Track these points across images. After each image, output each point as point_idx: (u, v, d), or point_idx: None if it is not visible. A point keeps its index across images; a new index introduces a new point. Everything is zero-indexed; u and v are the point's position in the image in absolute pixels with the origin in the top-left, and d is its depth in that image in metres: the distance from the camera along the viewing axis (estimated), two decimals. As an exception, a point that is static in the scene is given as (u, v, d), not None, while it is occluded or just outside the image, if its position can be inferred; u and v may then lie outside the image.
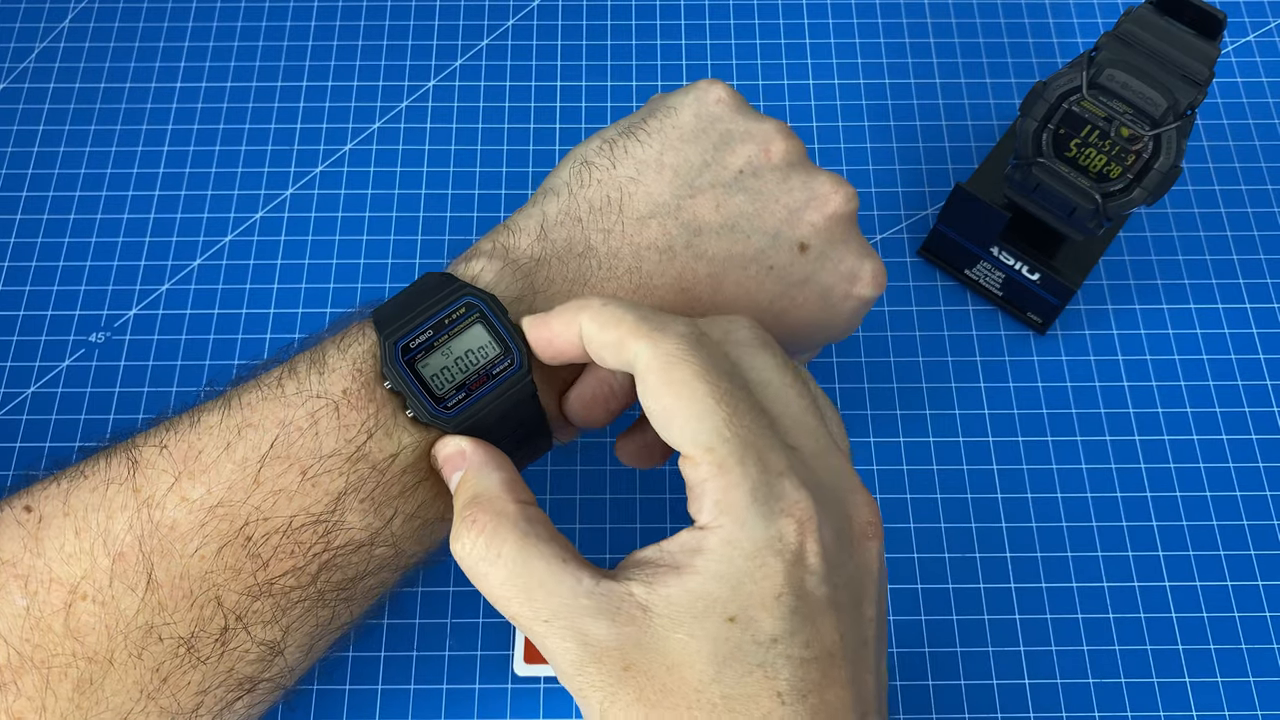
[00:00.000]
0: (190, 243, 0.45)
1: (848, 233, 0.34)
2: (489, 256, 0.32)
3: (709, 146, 0.33)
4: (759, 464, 0.25)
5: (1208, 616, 0.39)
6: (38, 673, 0.26)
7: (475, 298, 0.30)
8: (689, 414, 0.25)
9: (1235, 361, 0.43)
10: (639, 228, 0.32)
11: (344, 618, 0.30)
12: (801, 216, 0.33)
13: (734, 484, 0.25)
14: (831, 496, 0.26)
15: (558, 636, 0.25)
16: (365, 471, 0.29)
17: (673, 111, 0.34)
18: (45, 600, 0.26)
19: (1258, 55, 0.50)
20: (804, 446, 0.27)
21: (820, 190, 0.34)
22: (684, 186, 0.33)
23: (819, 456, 0.27)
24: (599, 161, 0.33)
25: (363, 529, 0.29)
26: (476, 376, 0.29)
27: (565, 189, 0.33)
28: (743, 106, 0.35)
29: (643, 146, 0.33)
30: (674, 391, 0.25)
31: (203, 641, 0.27)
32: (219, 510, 0.28)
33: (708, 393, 0.25)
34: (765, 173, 0.33)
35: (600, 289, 0.32)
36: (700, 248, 0.32)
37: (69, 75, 0.49)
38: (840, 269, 0.34)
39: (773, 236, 0.33)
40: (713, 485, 0.25)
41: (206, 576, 0.27)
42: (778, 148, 0.34)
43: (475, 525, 0.26)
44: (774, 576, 0.24)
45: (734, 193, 0.33)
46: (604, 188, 0.33)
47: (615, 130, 0.34)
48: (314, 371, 0.29)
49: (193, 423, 0.29)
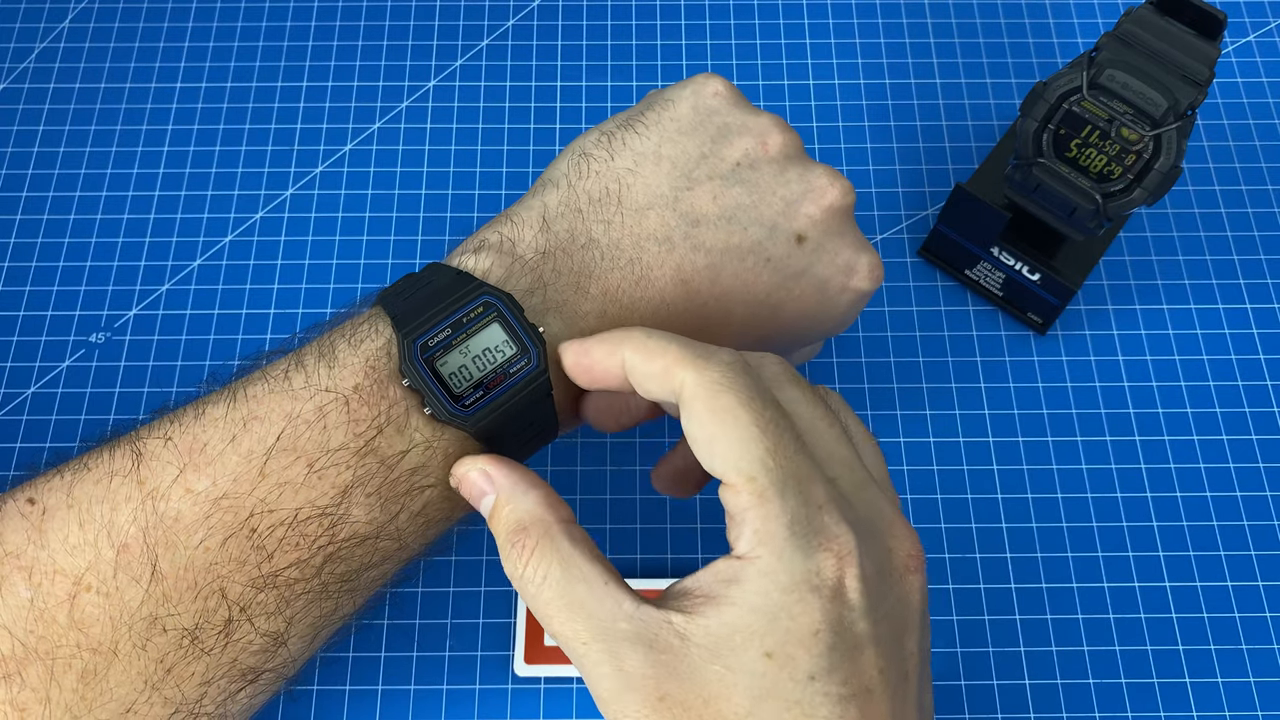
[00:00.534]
0: (190, 243, 0.45)
1: (844, 225, 0.34)
2: (496, 250, 0.32)
3: (706, 139, 0.34)
4: (800, 495, 0.25)
5: (1208, 617, 0.39)
6: (42, 664, 0.26)
7: (493, 297, 0.30)
8: (732, 441, 0.25)
9: (1235, 362, 0.43)
10: (638, 219, 0.32)
11: (347, 609, 0.30)
12: (798, 209, 0.33)
13: (774, 515, 0.25)
14: (871, 529, 0.26)
15: (596, 661, 0.25)
16: (373, 466, 0.29)
17: (670, 104, 0.34)
18: (49, 592, 0.27)
19: (1258, 55, 0.50)
20: (841, 478, 0.27)
21: (817, 183, 0.34)
22: (682, 178, 0.33)
23: (857, 489, 0.27)
24: (597, 154, 0.33)
25: (368, 523, 0.29)
26: (494, 375, 0.30)
27: (564, 180, 0.33)
28: (740, 100, 0.35)
29: (640, 139, 0.34)
30: (718, 419, 0.25)
31: (207, 633, 0.27)
32: (224, 502, 0.28)
33: (752, 420, 0.25)
34: (762, 165, 0.34)
35: (604, 280, 0.32)
36: (698, 239, 0.33)
37: (69, 75, 0.49)
38: (837, 261, 0.34)
39: (769, 228, 0.33)
40: (753, 515, 0.25)
41: (211, 568, 0.27)
42: (775, 141, 0.34)
43: (525, 550, 0.26)
44: (811, 612, 0.24)
45: (731, 185, 0.33)
46: (602, 179, 0.33)
47: (614, 123, 0.35)
48: (323, 365, 0.29)
49: (198, 415, 0.29)
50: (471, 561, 0.40)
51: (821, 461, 0.27)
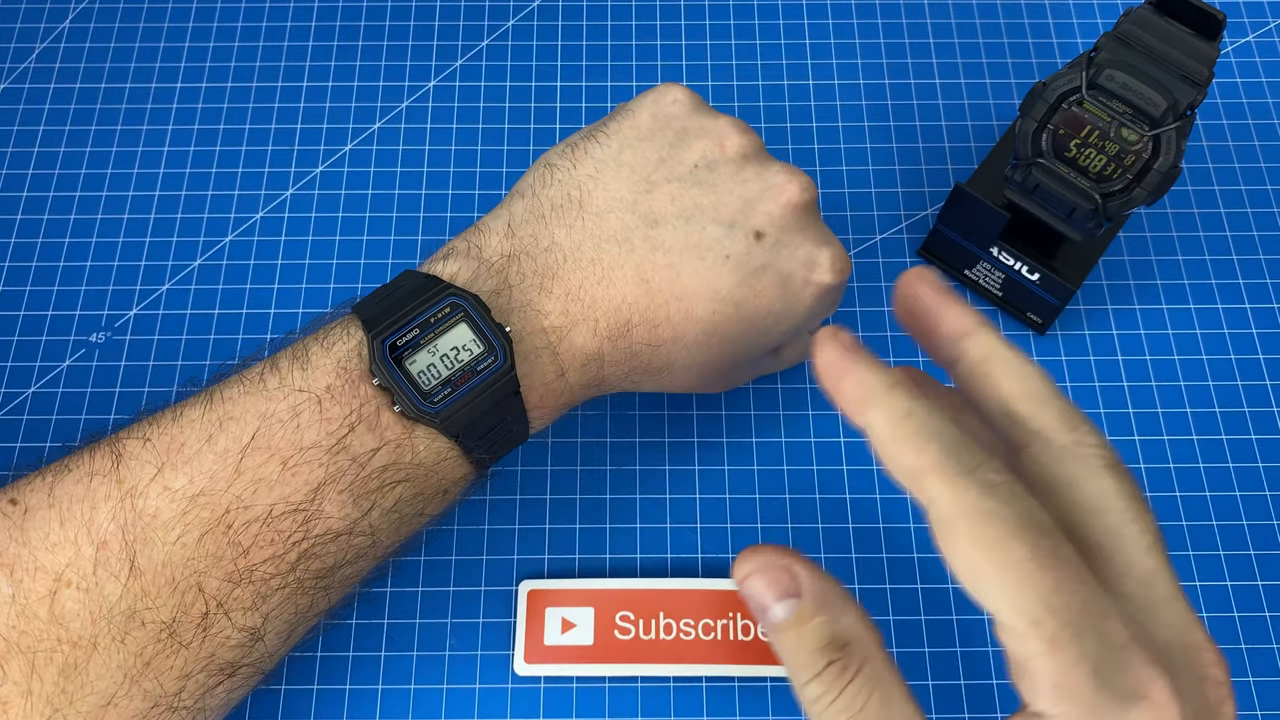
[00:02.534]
0: (190, 243, 0.45)
1: (804, 221, 0.35)
2: (464, 256, 0.33)
3: (665, 144, 0.35)
4: (1098, 637, 0.21)
5: (1208, 616, 0.39)
6: (24, 657, 0.27)
7: (459, 298, 0.31)
8: (1006, 580, 0.21)
9: (1235, 361, 0.43)
10: (599, 222, 0.34)
11: (321, 605, 0.31)
12: (756, 206, 0.34)
13: (1073, 663, 0.21)
14: (1179, 660, 0.22)
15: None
16: (345, 464, 0.29)
17: (631, 114, 0.36)
18: (30, 588, 0.27)
19: (1258, 55, 0.50)
20: (1137, 595, 0.23)
21: (774, 180, 0.34)
22: (641, 182, 0.34)
23: (1156, 605, 0.23)
24: (561, 164, 0.35)
25: (340, 518, 0.30)
26: (461, 373, 0.31)
27: (530, 190, 0.35)
28: (700, 106, 0.36)
29: (602, 147, 0.35)
30: (985, 553, 0.21)
31: (184, 627, 0.28)
32: (200, 499, 0.28)
33: (1028, 556, 0.21)
34: (720, 166, 0.35)
35: (566, 281, 0.33)
36: (658, 239, 0.33)
37: (69, 75, 0.49)
38: (798, 255, 0.34)
39: (728, 226, 0.34)
40: (1047, 664, 0.21)
41: (188, 563, 0.28)
42: (732, 143, 0.35)
43: (845, 671, 0.23)
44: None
45: (689, 186, 0.34)
46: (565, 187, 0.34)
47: (578, 135, 0.36)
48: (296, 367, 0.30)
49: (175, 417, 0.30)
50: (472, 561, 0.40)
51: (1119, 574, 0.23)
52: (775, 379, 0.43)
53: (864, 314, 0.44)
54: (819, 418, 0.42)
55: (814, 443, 0.42)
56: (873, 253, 0.46)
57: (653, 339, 0.34)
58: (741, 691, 0.38)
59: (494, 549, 0.40)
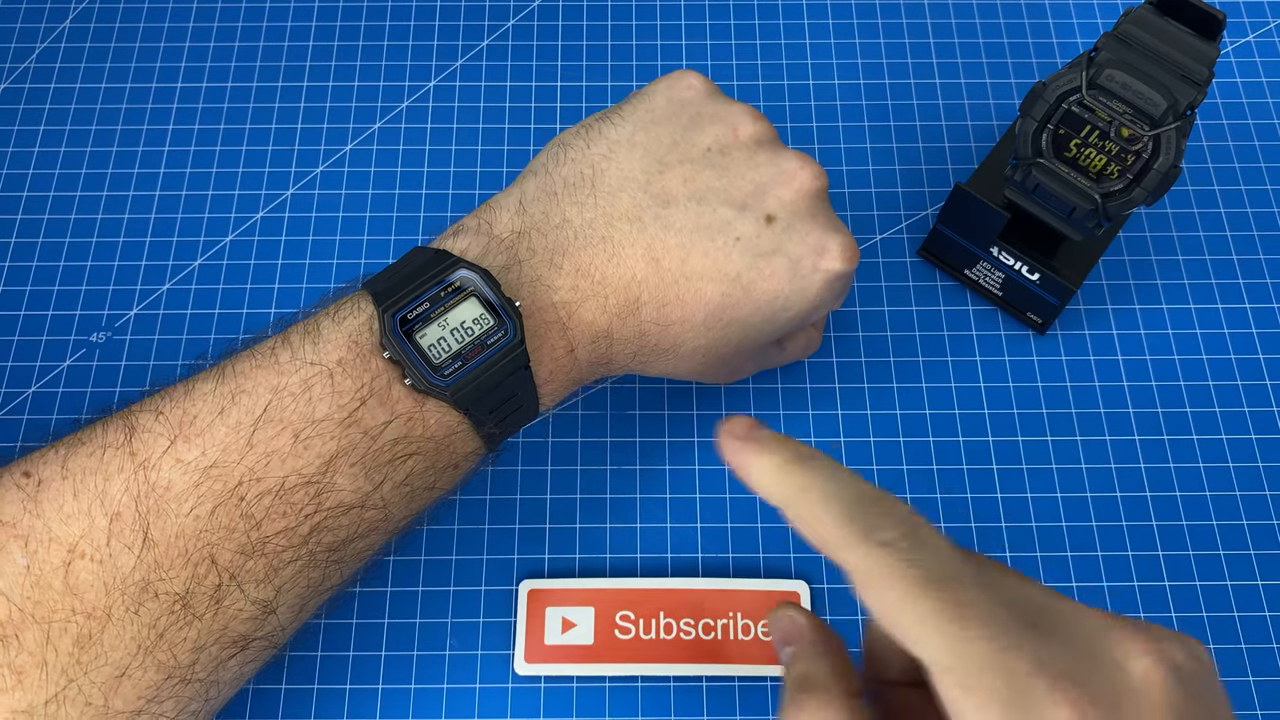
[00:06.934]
0: (191, 243, 0.45)
1: (815, 207, 0.35)
2: (474, 232, 0.33)
3: (679, 127, 0.35)
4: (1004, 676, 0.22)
5: (1207, 616, 0.39)
6: (39, 628, 0.27)
7: (470, 271, 0.31)
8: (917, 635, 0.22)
9: (1235, 361, 0.43)
10: (611, 200, 0.34)
11: (334, 579, 0.31)
12: (768, 191, 0.34)
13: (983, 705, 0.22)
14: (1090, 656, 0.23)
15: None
16: (356, 437, 0.30)
17: (646, 97, 0.36)
18: (45, 559, 0.27)
19: (1258, 55, 0.50)
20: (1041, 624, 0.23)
21: (787, 167, 0.35)
22: (654, 163, 0.34)
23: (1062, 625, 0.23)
24: (574, 143, 0.35)
25: (352, 491, 0.30)
26: (472, 346, 0.31)
27: (542, 169, 0.35)
28: (715, 92, 0.36)
29: (616, 128, 0.35)
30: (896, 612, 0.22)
31: (198, 598, 0.28)
32: (213, 471, 0.28)
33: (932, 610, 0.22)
34: (733, 150, 0.35)
35: (577, 257, 0.33)
36: (669, 219, 0.34)
37: (69, 75, 0.49)
38: (808, 241, 0.34)
39: (739, 209, 0.34)
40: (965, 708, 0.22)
41: (201, 535, 0.28)
42: (746, 129, 0.35)
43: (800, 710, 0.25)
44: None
45: (702, 168, 0.34)
46: (578, 165, 0.35)
47: (593, 117, 0.36)
48: (308, 341, 0.30)
49: (188, 390, 0.30)
50: (472, 560, 0.40)
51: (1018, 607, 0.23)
52: (775, 378, 0.43)
53: (864, 314, 0.44)
54: (819, 418, 0.42)
55: (813, 443, 0.42)
56: (873, 253, 0.46)
57: (661, 318, 0.34)
58: (742, 691, 0.38)
59: (494, 549, 0.40)
